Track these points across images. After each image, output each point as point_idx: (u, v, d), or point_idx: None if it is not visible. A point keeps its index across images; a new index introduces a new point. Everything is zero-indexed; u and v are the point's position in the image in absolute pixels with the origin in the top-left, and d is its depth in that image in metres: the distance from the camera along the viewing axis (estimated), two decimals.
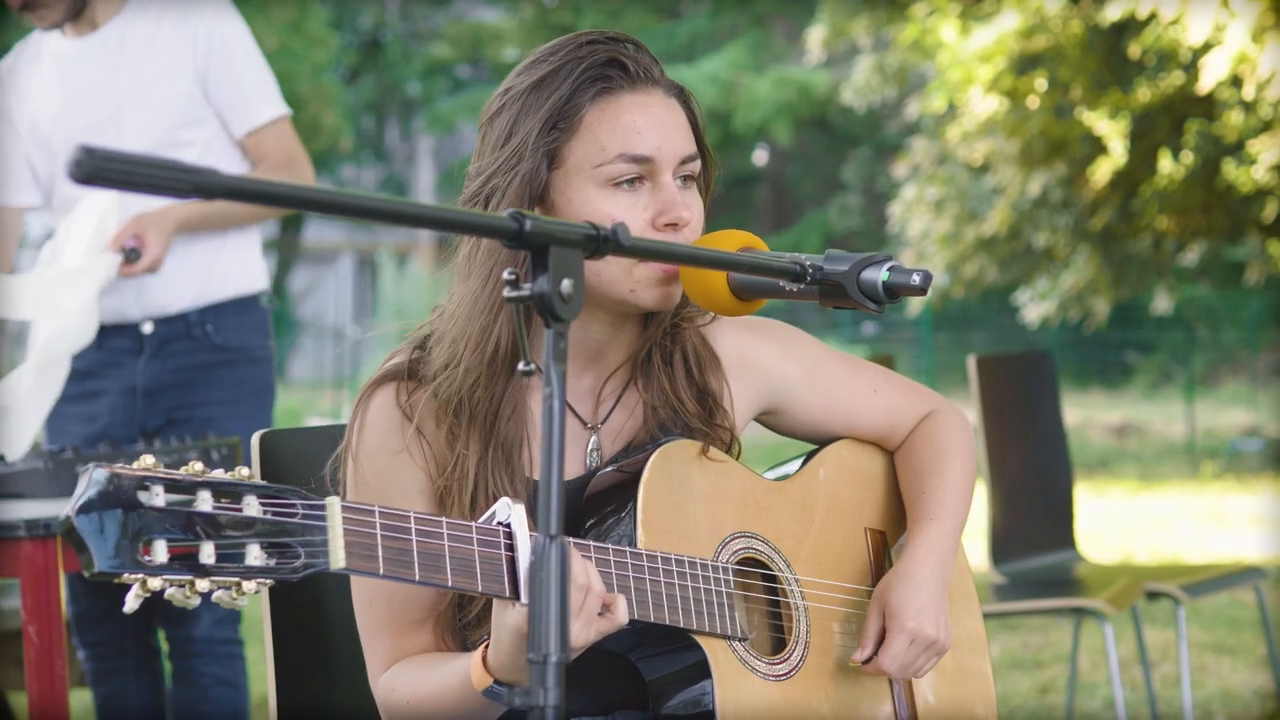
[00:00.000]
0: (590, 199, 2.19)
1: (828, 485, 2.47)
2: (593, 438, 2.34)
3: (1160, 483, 13.98)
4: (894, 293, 2.11)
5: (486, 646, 2.07)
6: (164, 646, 4.47)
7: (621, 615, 2.05)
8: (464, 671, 2.10)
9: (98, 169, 1.42)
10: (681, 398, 2.33)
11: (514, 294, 1.75)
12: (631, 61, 2.24)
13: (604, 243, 1.79)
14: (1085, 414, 18.60)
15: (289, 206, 1.52)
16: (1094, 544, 9.70)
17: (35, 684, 3.48)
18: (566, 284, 1.74)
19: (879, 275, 2.10)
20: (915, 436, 2.55)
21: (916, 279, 2.09)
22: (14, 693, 5.06)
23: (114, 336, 4.32)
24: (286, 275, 29.15)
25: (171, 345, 4.33)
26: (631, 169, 2.21)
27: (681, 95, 2.28)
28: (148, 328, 4.32)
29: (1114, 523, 11.17)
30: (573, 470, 2.31)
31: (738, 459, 2.38)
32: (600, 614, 2.03)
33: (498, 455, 2.22)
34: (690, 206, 2.24)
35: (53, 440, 4.33)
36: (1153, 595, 4.78)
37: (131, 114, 4.26)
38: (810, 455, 2.50)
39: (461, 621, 2.25)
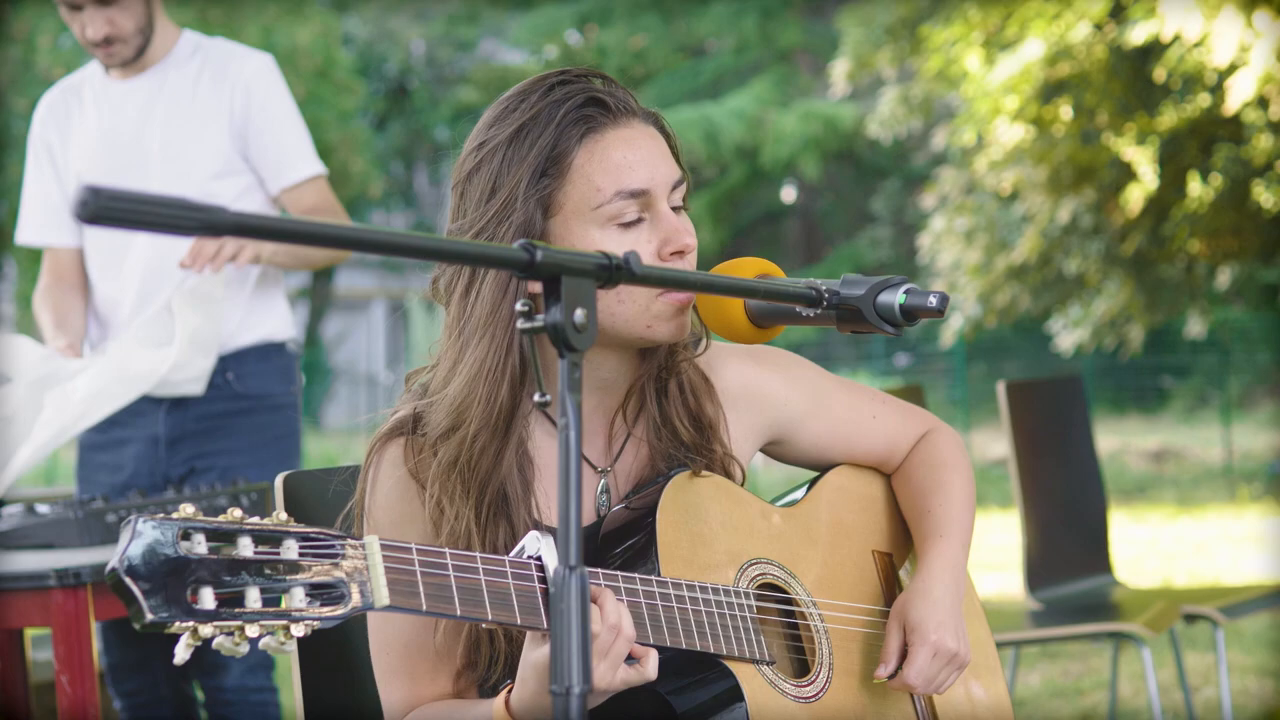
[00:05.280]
0: (593, 241, 2.17)
1: (832, 510, 2.48)
2: (603, 480, 2.33)
3: (1199, 507, 13.88)
4: (911, 315, 2.10)
5: (509, 690, 2.06)
6: (200, 696, 4.46)
7: (651, 670, 2.04)
8: (486, 717, 2.09)
9: (104, 209, 1.41)
10: (676, 425, 2.32)
11: (527, 325, 1.75)
12: (608, 96, 2.22)
13: (617, 271, 1.79)
14: (1122, 440, 18.49)
15: (296, 241, 1.53)
16: (1133, 570, 9.63)
17: None
18: (580, 314, 1.74)
19: (895, 298, 2.09)
20: (913, 457, 2.56)
21: (934, 301, 2.09)
22: None
23: None
24: (319, 323, 29.23)
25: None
26: (630, 205, 2.19)
27: (657, 121, 2.27)
28: None
29: (1153, 549, 11.09)
30: (585, 517, 2.28)
31: (742, 486, 2.38)
32: (629, 663, 2.02)
33: (495, 510, 2.19)
34: (690, 232, 2.24)
35: (82, 490, 4.33)
36: (1190, 618, 4.73)
37: (162, 162, 4.27)
38: (812, 483, 2.51)
39: (486, 685, 2.23)
